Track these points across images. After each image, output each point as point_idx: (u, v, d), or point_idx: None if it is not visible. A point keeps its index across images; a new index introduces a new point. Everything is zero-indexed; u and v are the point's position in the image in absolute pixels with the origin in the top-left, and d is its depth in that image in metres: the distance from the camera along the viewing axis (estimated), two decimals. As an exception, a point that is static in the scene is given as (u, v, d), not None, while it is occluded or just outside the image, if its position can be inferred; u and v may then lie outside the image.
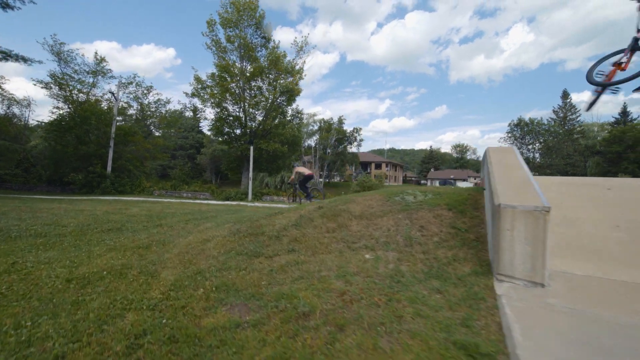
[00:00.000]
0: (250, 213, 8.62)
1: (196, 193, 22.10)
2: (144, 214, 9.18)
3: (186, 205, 13.16)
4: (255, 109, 21.42)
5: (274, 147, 20.59)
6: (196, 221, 7.62)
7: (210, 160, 52.60)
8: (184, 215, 9.12)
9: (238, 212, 9.96)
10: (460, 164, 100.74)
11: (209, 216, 8.67)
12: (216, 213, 9.76)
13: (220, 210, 10.71)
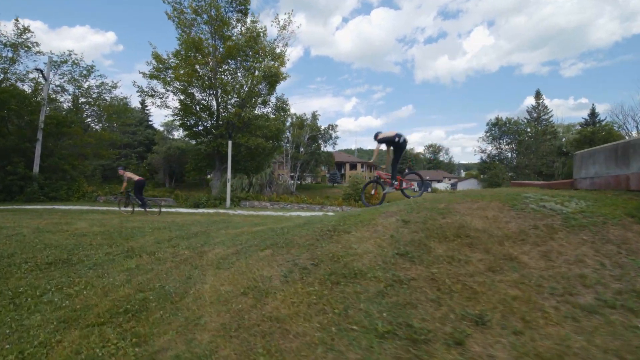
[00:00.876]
0: (261, 226, 6.84)
1: (155, 199, 19.29)
2: (98, 230, 7.11)
3: (151, 216, 10.94)
4: (230, 96, 19.15)
5: (257, 142, 18.53)
6: (188, 242, 5.75)
7: (164, 160, 48.38)
8: (158, 231, 7.21)
9: (234, 224, 8.15)
10: (433, 165, 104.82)
11: (201, 232, 6.83)
12: (205, 227, 7.89)
13: (205, 223, 8.91)
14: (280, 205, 19.10)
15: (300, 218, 8.66)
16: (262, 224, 7.73)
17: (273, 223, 7.77)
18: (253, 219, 9.72)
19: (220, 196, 18.84)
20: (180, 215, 11.75)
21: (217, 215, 12.21)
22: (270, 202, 19.06)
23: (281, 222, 7.65)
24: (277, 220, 8.94)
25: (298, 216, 10.20)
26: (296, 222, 6.57)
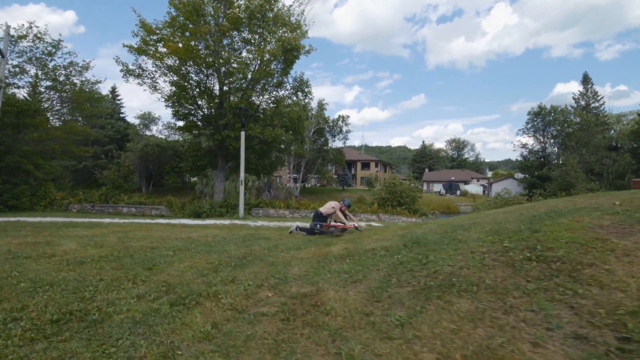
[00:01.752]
0: (347, 244, 5.55)
1: (143, 207, 18.09)
2: (98, 254, 6.07)
3: (153, 230, 9.79)
4: (234, 77, 17.76)
5: (274, 133, 17.13)
6: (248, 273, 4.63)
7: (139, 159, 47.05)
8: (183, 253, 6.40)
9: (288, 244, 6.92)
10: (457, 163, 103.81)
11: (251, 257, 5.77)
12: (247, 246, 6.72)
13: (236, 240, 8.06)
14: (302, 214, 17.79)
15: (375, 231, 7.34)
16: (334, 242, 6.43)
17: (351, 242, 6.45)
18: (300, 240, 8.41)
19: (226, 202, 17.49)
20: (189, 229, 10.46)
21: (238, 229, 10.95)
22: (289, 210, 17.81)
23: (364, 241, 6.34)
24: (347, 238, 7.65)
25: (359, 229, 8.86)
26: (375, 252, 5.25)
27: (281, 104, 19.00)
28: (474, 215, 8.72)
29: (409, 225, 10.40)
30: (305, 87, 19.51)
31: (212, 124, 19.05)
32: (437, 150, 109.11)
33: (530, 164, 53.36)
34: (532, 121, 52.84)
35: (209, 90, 18.77)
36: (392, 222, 17.45)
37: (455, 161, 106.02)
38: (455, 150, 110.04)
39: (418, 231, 6.41)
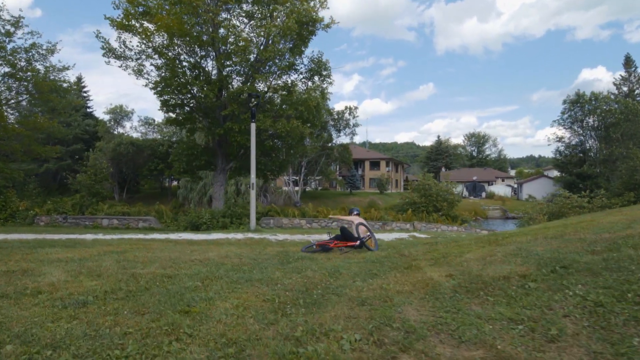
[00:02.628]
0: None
1: (127, 219, 17.05)
2: (100, 288, 5.35)
3: (154, 249, 9.01)
4: (240, 56, 16.71)
5: (291, 126, 16.07)
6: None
7: (111, 161, 45.87)
8: (216, 283, 5.38)
9: (330, 267, 6.04)
10: (477, 161, 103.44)
11: (312, 290, 4.97)
12: (282, 272, 5.78)
13: (265, 262, 7.29)
14: (321, 224, 16.81)
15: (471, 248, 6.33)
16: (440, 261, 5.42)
17: (434, 262, 5.44)
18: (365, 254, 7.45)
19: (230, 211, 16.43)
20: (199, 247, 9.52)
21: (259, 245, 10.04)
22: (305, 220, 16.84)
23: (456, 261, 5.34)
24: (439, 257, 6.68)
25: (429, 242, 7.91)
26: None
27: (294, 90, 17.98)
28: (575, 222, 7.75)
29: (477, 235, 9.44)
30: (324, 70, 18.51)
31: (211, 115, 17.98)
32: (454, 146, 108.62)
33: (568, 160, 52.74)
34: (568, 111, 52.29)
35: (207, 74, 17.72)
36: (439, 232, 16.49)
37: (475, 159, 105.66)
38: (474, 146, 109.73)
39: (539, 248, 5.45)
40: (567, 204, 20.85)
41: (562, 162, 54.40)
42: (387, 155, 73.30)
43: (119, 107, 58.02)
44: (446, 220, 20.22)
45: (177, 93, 17.68)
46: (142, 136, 56.66)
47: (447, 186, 23.12)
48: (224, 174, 18.85)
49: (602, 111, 49.26)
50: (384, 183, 57.19)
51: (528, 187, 63.01)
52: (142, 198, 50.96)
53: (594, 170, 49.48)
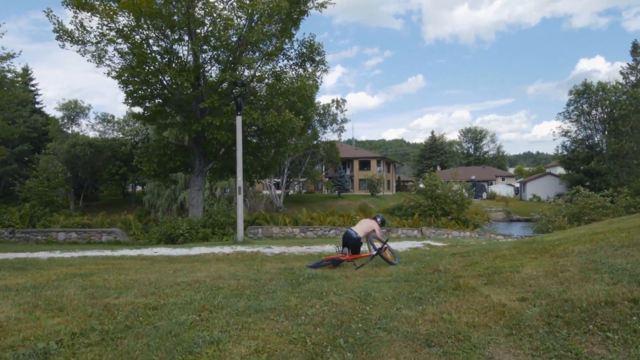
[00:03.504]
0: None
1: (89, 232, 16.03)
2: (64, 328, 4.77)
3: (127, 270, 8.39)
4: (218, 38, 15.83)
5: (282, 119, 15.22)
6: None
7: (65, 163, 44.22)
8: (222, 315, 4.67)
9: (355, 289, 5.55)
10: (475, 159, 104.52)
11: (347, 324, 4.52)
12: (298, 298, 5.23)
13: (270, 284, 6.83)
14: (317, 232, 16.08)
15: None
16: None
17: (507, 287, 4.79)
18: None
19: (211, 221, 15.55)
20: (181, 265, 8.70)
21: (253, 260, 9.31)
22: (299, 228, 16.08)
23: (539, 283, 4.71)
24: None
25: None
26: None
27: (284, 78, 17.19)
28: (631, 226, 7.23)
29: (512, 243, 8.86)
30: (317, 55, 17.78)
31: (186, 109, 17.02)
32: (450, 142, 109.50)
33: (575, 156, 53.39)
34: (574, 102, 53.00)
35: (181, 61, 16.77)
36: (453, 239, 15.92)
37: (472, 156, 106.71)
38: (471, 143, 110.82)
39: (618, 260, 4.90)
40: (588, 204, 20.69)
41: (568, 158, 55.07)
42: (378, 154, 73.03)
43: (73, 103, 56.04)
44: (456, 225, 19.77)
45: (146, 83, 16.68)
46: (101, 135, 54.88)
47: (457, 186, 22.66)
48: (203, 177, 17.92)
49: (611, 102, 50.04)
50: (375, 184, 56.78)
51: (532, 186, 63.71)
52: (102, 206, 49.25)
53: (602, 166, 50.16)
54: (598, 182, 46.57)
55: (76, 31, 16.05)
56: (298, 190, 63.21)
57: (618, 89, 51.30)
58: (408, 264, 7.71)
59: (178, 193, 38.21)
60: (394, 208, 25.58)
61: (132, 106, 18.28)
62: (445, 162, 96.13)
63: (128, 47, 16.34)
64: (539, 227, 22.61)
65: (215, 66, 17.56)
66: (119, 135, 52.70)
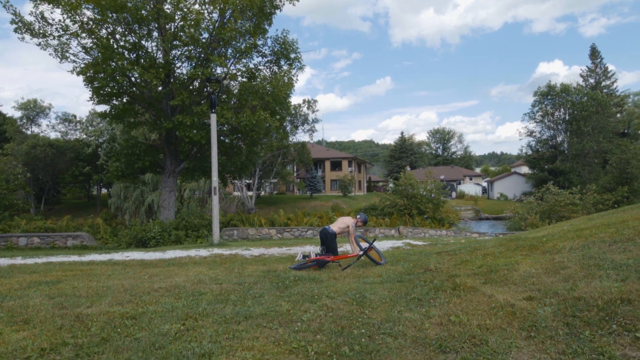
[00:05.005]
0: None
1: (52, 236, 15.11)
2: (31, 343, 4.34)
3: (98, 277, 7.95)
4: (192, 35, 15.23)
5: (257, 118, 14.70)
6: None
7: (25, 165, 42.17)
8: (209, 322, 4.34)
9: (348, 292, 5.42)
10: (443, 159, 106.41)
11: (348, 329, 4.27)
12: (289, 302, 4.94)
13: (256, 288, 6.50)
14: (294, 233, 15.71)
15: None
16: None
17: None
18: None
19: (183, 223, 14.92)
20: (157, 270, 8.24)
21: (233, 263, 8.96)
22: (275, 229, 15.66)
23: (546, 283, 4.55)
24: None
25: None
26: None
27: (258, 76, 16.70)
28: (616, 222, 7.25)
29: (497, 240, 8.79)
30: (292, 52, 17.35)
31: (156, 107, 16.26)
32: (419, 143, 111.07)
33: (540, 156, 55.03)
34: (539, 103, 54.63)
35: (150, 57, 16.02)
36: (430, 237, 15.84)
37: (440, 157, 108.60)
38: (439, 143, 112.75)
39: (616, 256, 4.81)
40: (559, 202, 21.16)
41: (533, 158, 56.73)
42: (349, 154, 73.19)
43: (32, 102, 53.60)
44: (432, 224, 19.82)
45: (113, 80, 15.84)
46: (63, 136, 52.67)
47: (432, 185, 22.74)
48: (174, 178, 17.18)
49: (573, 104, 51.83)
50: (347, 185, 56.79)
51: (499, 185, 65.30)
52: (65, 210, 47.18)
53: (565, 165, 51.86)
54: (562, 181, 48.06)
55: (36, 23, 15.10)
56: (270, 192, 62.60)
57: (580, 90, 53.20)
58: (395, 264, 7.50)
59: (146, 195, 36.96)
60: (368, 208, 25.51)
61: (99, 104, 17.35)
62: (415, 162, 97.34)
63: (93, 41, 15.49)
64: (512, 224, 23.04)
65: (186, 63, 16.94)
66: (82, 136, 50.67)
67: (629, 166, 34.34)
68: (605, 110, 52.08)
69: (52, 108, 55.63)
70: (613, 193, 30.19)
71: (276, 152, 48.53)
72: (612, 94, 60.00)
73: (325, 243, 7.89)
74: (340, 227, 8.04)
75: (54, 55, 15.76)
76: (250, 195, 47.50)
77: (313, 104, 51.44)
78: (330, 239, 7.83)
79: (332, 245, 7.82)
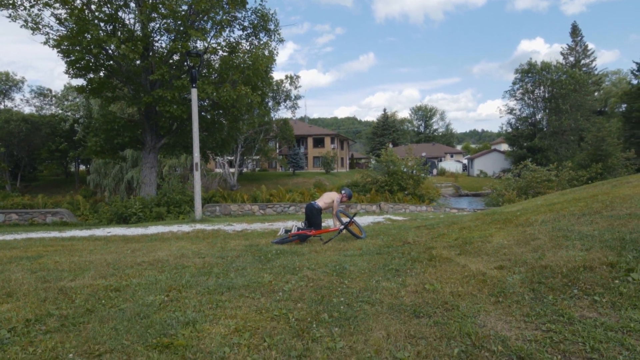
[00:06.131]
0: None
1: (31, 213, 14.89)
2: (16, 315, 4.25)
3: (80, 251, 7.95)
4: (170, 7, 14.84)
5: (238, 93, 14.55)
6: None
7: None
8: (192, 294, 4.41)
9: (329, 263, 5.54)
10: (425, 137, 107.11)
11: (328, 298, 4.51)
12: (271, 274, 5.11)
13: (238, 261, 6.33)
14: (276, 209, 15.82)
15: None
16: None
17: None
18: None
19: (165, 199, 14.86)
20: (139, 245, 8.29)
21: (215, 237, 9.06)
22: (258, 205, 15.73)
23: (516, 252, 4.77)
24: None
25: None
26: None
27: (239, 49, 16.43)
28: (587, 196, 7.55)
29: (475, 215, 9.06)
30: (272, 25, 17.08)
31: (135, 81, 15.93)
32: (401, 120, 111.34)
33: (520, 133, 55.86)
34: (520, 81, 55.13)
35: (128, 29, 15.59)
36: (411, 213, 16.16)
37: (422, 134, 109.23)
38: (421, 120, 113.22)
39: (584, 228, 5.03)
40: (535, 178, 21.71)
41: (512, 135, 57.53)
42: (331, 131, 73.05)
43: (4, 75, 51.74)
44: (413, 200, 20.16)
45: (89, 52, 15.39)
46: (38, 111, 51.21)
47: (413, 162, 23.03)
48: (155, 154, 17.00)
49: (552, 82, 52.45)
50: (329, 162, 56.87)
51: (479, 162, 66.27)
52: (42, 187, 46.25)
53: (544, 142, 52.80)
54: (540, 158, 49.00)
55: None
56: (252, 168, 62.33)
57: (559, 68, 53.77)
58: (375, 238, 7.70)
59: (126, 172, 36.46)
60: (350, 184, 25.72)
61: (74, 78, 16.90)
62: (397, 139, 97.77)
63: (67, 12, 14.97)
64: (489, 200, 23.62)
65: (165, 36, 16.56)
66: (58, 111, 49.31)
67: (603, 143, 35.22)
68: (583, 88, 52.86)
69: (25, 82, 53.81)
70: (587, 170, 31.05)
71: (258, 128, 48.16)
72: (590, 72, 60.84)
73: (310, 218, 8.09)
74: (325, 203, 8.22)
75: (26, 26, 15.21)
76: (233, 172, 47.23)
77: (295, 79, 50.89)
78: (316, 214, 8.03)
79: (317, 221, 8.02)
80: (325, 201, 8.23)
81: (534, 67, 53.85)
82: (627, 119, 51.59)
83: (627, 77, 63.11)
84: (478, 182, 52.91)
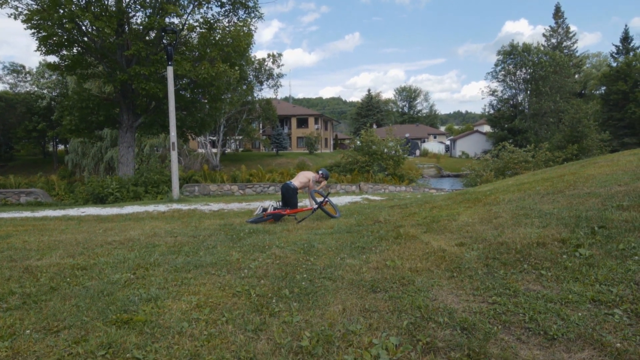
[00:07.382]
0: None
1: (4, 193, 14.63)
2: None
3: (51, 231, 7.85)
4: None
5: (216, 70, 14.32)
6: None
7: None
8: (159, 272, 4.43)
9: (299, 241, 5.61)
10: (409, 117, 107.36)
11: (291, 274, 4.52)
12: (240, 252, 5.09)
13: (210, 240, 6.64)
14: (256, 189, 15.82)
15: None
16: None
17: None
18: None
19: (143, 179, 14.72)
20: (113, 224, 8.25)
21: (191, 217, 9.03)
22: (237, 185, 15.69)
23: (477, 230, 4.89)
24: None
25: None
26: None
27: (216, 27, 16.09)
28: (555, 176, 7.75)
29: (447, 195, 9.23)
30: (251, 1, 16.75)
31: (110, 58, 15.53)
32: (385, 101, 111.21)
33: (501, 115, 56.40)
34: (502, 63, 55.38)
35: (102, 4, 15.09)
36: (389, 193, 16.34)
37: (406, 115, 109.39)
38: (405, 101, 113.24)
39: (546, 206, 5.16)
40: (512, 159, 22.10)
41: (494, 117, 58.03)
42: (315, 112, 72.65)
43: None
44: (392, 180, 20.37)
45: (61, 27, 14.90)
46: (12, 89, 49.64)
47: (392, 143, 23.19)
48: (132, 133, 16.71)
49: (533, 63, 52.82)
50: (313, 142, 56.77)
51: (461, 143, 66.91)
52: (18, 167, 45.28)
53: (524, 124, 53.47)
54: (520, 139, 49.64)
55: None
56: (235, 149, 61.91)
57: (540, 50, 54.12)
58: (349, 217, 7.80)
59: (105, 151, 35.86)
60: (333, 165, 25.81)
61: (47, 54, 16.35)
62: (381, 120, 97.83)
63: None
64: (468, 181, 23.99)
65: (140, 12, 16.11)
66: (33, 88, 47.90)
67: (580, 125, 35.82)
68: (564, 70, 53.37)
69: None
70: (564, 151, 31.72)
71: (241, 108, 47.62)
72: (572, 54, 61.41)
73: (285, 198, 8.09)
74: (301, 182, 8.24)
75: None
76: (215, 152, 46.82)
77: (278, 58, 50.16)
78: (292, 194, 8.04)
79: (293, 200, 8.04)
80: (301, 180, 8.24)
81: (515, 48, 54.09)
82: (606, 101, 52.37)
83: (607, 59, 64.04)
84: (459, 163, 53.50)
